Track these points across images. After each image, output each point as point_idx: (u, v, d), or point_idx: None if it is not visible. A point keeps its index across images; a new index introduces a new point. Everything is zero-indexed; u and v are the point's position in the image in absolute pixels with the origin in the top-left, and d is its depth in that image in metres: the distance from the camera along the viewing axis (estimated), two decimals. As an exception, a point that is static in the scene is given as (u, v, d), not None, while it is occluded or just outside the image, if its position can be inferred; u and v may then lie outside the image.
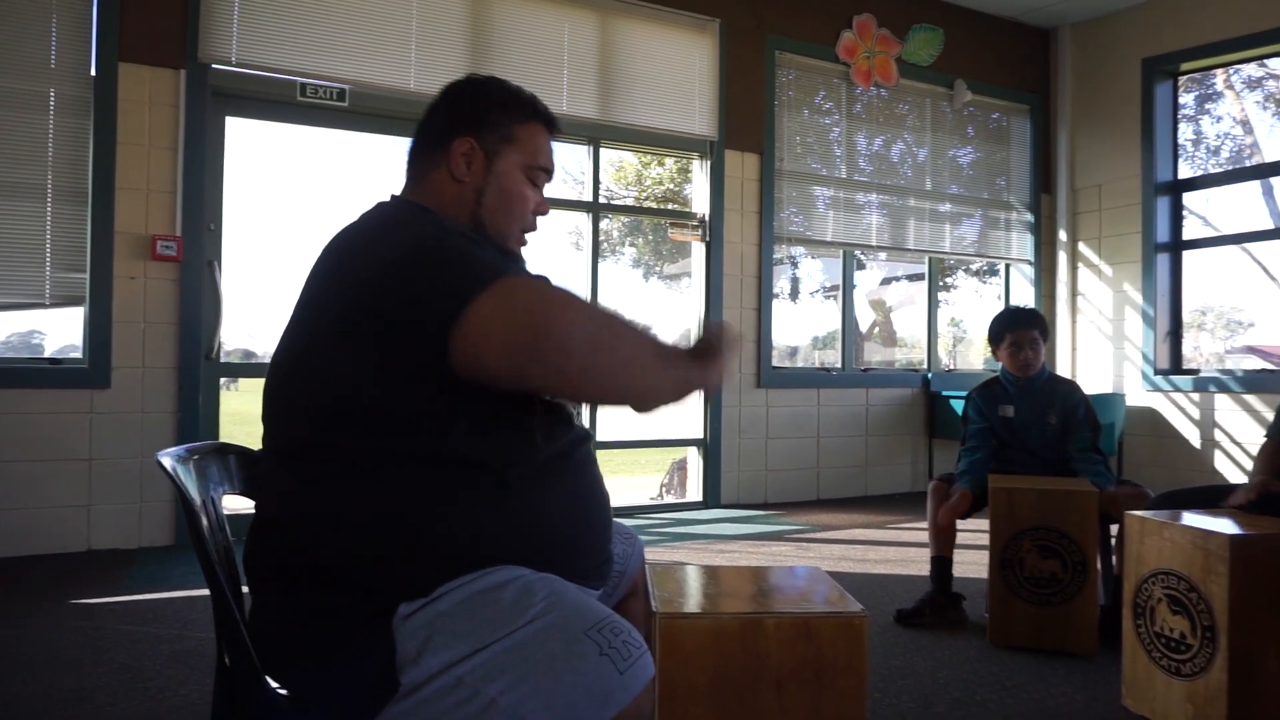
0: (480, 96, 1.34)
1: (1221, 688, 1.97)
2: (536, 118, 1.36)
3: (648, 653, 1.16)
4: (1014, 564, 2.70)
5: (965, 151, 6.33)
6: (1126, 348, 5.88)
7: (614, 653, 1.10)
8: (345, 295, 1.16)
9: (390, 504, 1.13)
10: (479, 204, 1.30)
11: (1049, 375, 3.16)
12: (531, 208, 1.37)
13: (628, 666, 1.09)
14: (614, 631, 1.13)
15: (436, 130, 1.33)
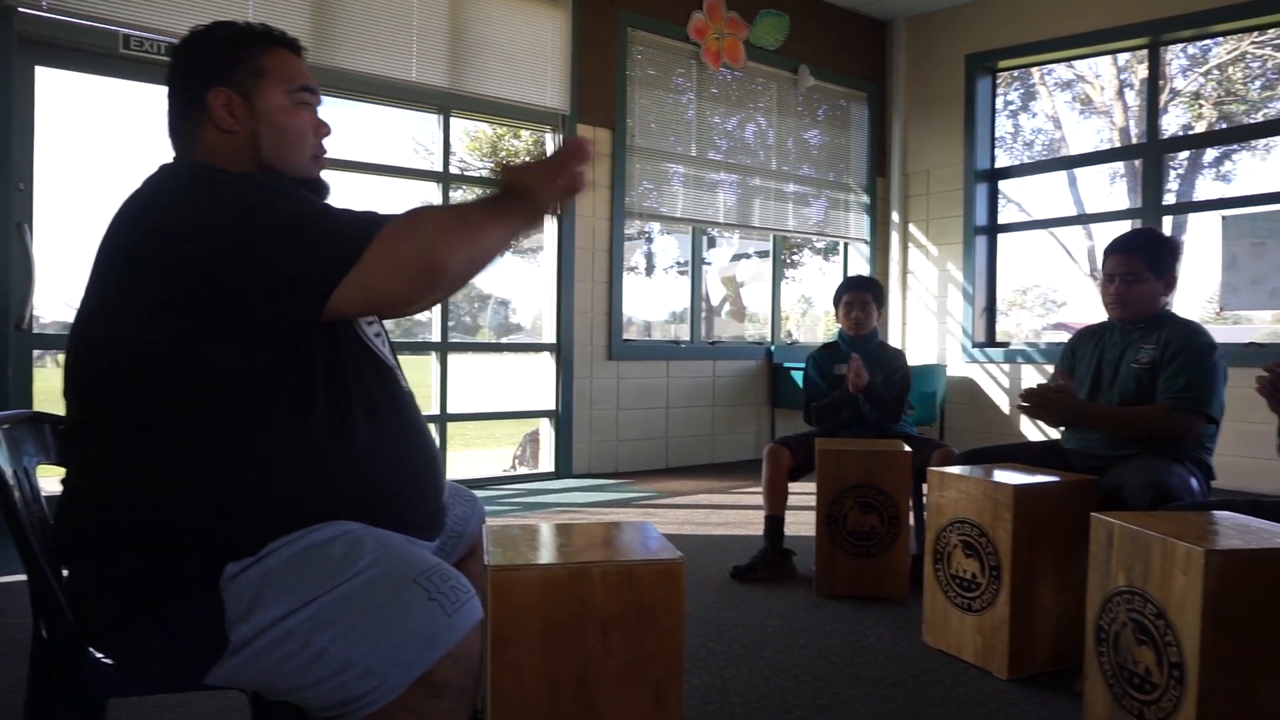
0: (214, 44, 1.30)
1: (1004, 619, 2.22)
2: (276, 44, 1.33)
3: (475, 597, 1.21)
4: (838, 520, 2.91)
5: (810, 135, 6.63)
6: (949, 322, 6.37)
7: (442, 597, 1.15)
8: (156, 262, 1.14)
9: (211, 467, 1.14)
10: (258, 147, 1.29)
11: (879, 341, 3.44)
12: (311, 131, 1.36)
13: (455, 609, 1.15)
14: (442, 578, 1.17)
15: (185, 90, 1.30)
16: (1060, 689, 2.15)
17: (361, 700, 1.08)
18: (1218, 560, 1.53)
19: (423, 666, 1.09)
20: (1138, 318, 2.50)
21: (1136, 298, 2.47)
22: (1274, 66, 7.48)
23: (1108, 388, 2.53)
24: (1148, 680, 1.67)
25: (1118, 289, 2.50)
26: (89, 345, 1.18)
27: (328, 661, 1.08)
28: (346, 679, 1.08)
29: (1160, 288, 2.48)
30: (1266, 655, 1.55)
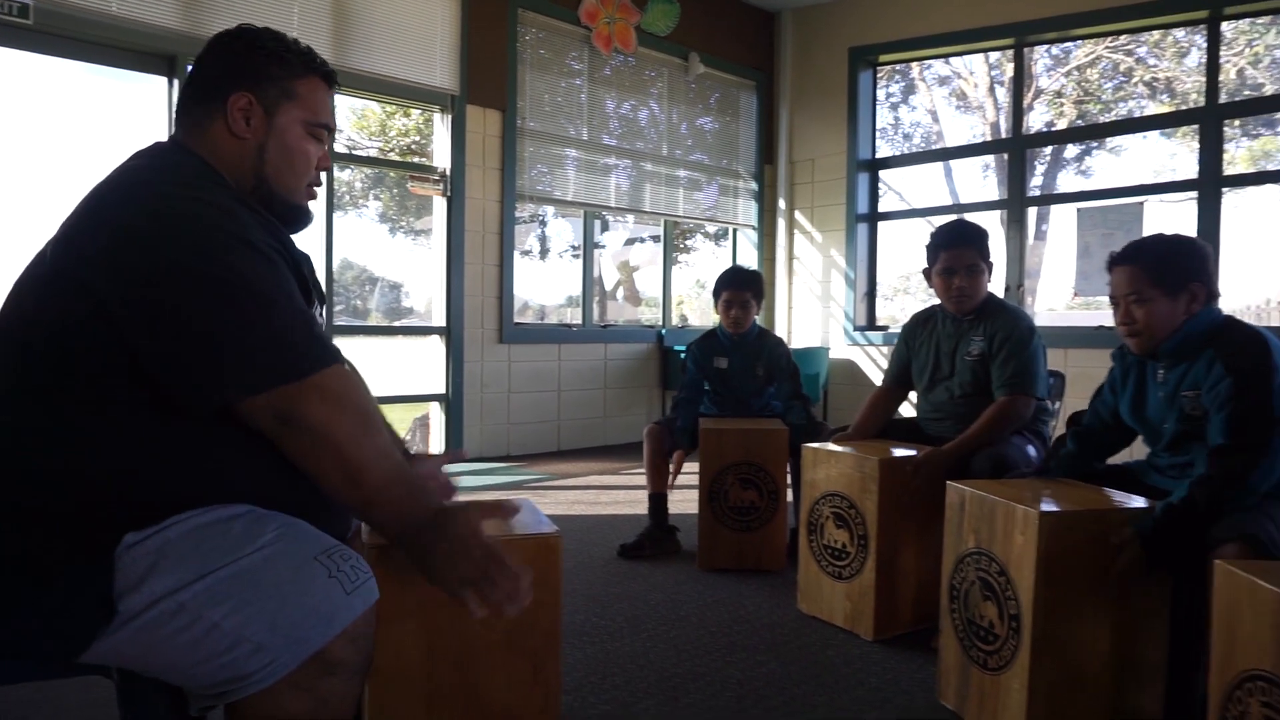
0: (256, 50, 1.30)
1: (871, 584, 2.36)
2: (314, 72, 1.33)
3: (373, 577, 1.22)
4: (720, 496, 3.02)
5: (701, 121, 6.73)
6: (832, 307, 6.61)
7: (342, 575, 1.15)
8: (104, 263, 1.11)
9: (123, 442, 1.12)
10: (262, 162, 1.29)
11: (759, 331, 3.50)
12: (315, 164, 1.36)
13: (354, 588, 1.15)
14: (343, 557, 1.18)
15: (211, 81, 1.28)
16: (920, 647, 2.30)
17: (251, 678, 1.07)
18: (1050, 521, 1.67)
19: (318, 644, 1.09)
20: (975, 308, 2.63)
21: (978, 289, 2.61)
22: (1124, 70, 8.07)
23: (946, 378, 2.67)
24: (991, 632, 1.81)
25: (962, 284, 2.58)
26: (20, 313, 1.15)
27: (218, 637, 1.07)
28: (236, 656, 1.07)
29: (989, 278, 2.64)
30: (1089, 603, 1.72)
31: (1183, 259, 1.93)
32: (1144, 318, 1.91)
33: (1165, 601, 1.78)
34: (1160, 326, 1.91)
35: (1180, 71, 8.00)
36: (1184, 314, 1.90)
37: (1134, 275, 1.93)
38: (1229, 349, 1.82)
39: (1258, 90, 7.90)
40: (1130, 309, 1.93)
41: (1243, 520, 1.61)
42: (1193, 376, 1.88)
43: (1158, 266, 1.91)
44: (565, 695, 2.01)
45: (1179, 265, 1.91)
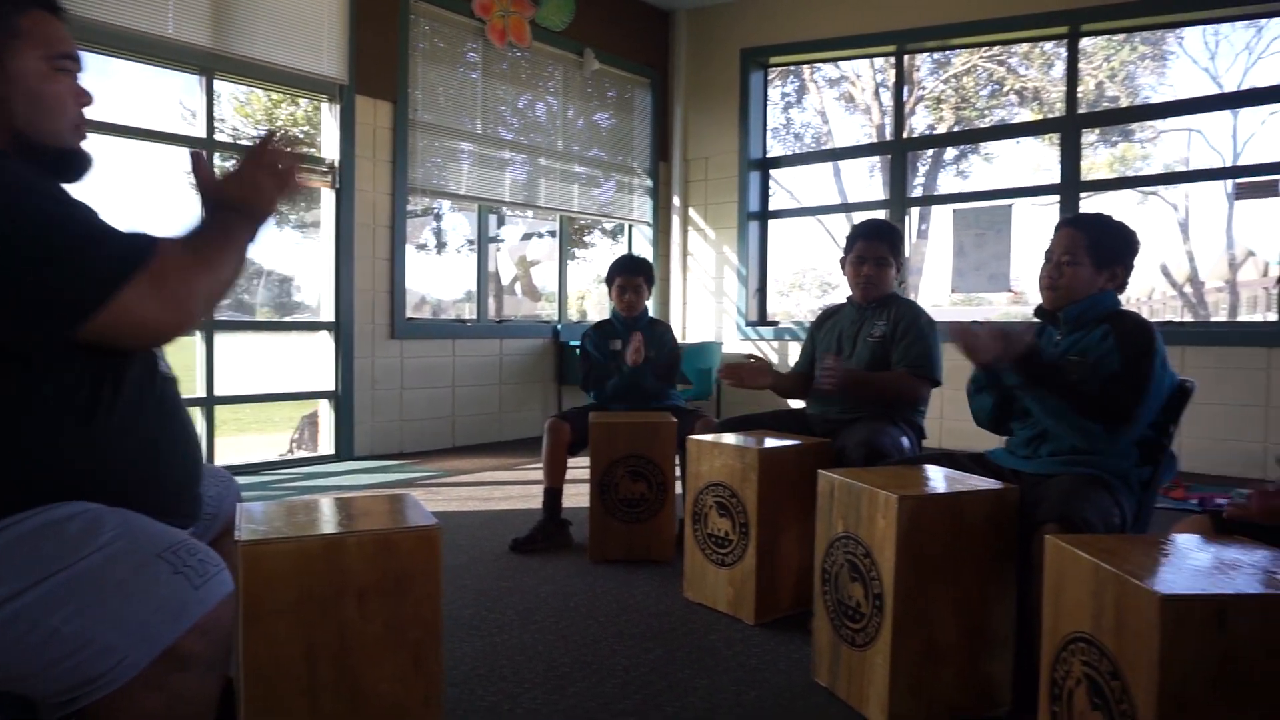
0: None
1: (752, 570, 2.45)
2: (33, 4, 1.25)
3: (225, 569, 1.21)
4: (610, 488, 3.07)
5: (598, 118, 6.77)
6: (724, 302, 6.76)
7: (189, 570, 1.14)
8: None
9: None
10: (10, 114, 1.21)
11: (649, 318, 3.63)
12: (71, 100, 1.29)
13: (203, 582, 1.15)
14: (189, 552, 1.17)
15: None
16: (798, 629, 2.41)
17: (101, 679, 1.05)
18: (909, 505, 1.79)
19: (169, 639, 1.08)
20: (875, 299, 2.82)
21: (883, 280, 2.80)
22: (998, 79, 8.55)
23: (847, 359, 2.83)
24: (858, 611, 1.92)
25: (869, 272, 2.80)
26: None
27: (60, 643, 1.05)
28: (84, 658, 1.05)
29: (894, 270, 2.82)
30: (944, 581, 1.84)
31: (1119, 242, 2.15)
32: (1068, 278, 2.11)
33: (1013, 576, 1.92)
34: (1078, 290, 2.11)
35: (1047, 82, 8.52)
36: (1099, 289, 2.12)
37: (1074, 238, 2.12)
38: (1124, 329, 2.04)
39: (1114, 102, 8.49)
40: (1061, 265, 2.12)
41: (1065, 504, 1.77)
42: (1084, 344, 2.09)
43: (1098, 238, 2.12)
44: (452, 688, 2.03)
45: (1114, 245, 2.13)
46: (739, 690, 2.05)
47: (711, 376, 6.25)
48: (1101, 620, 1.29)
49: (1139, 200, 11.07)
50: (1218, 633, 1.15)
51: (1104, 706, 1.28)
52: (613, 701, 1.98)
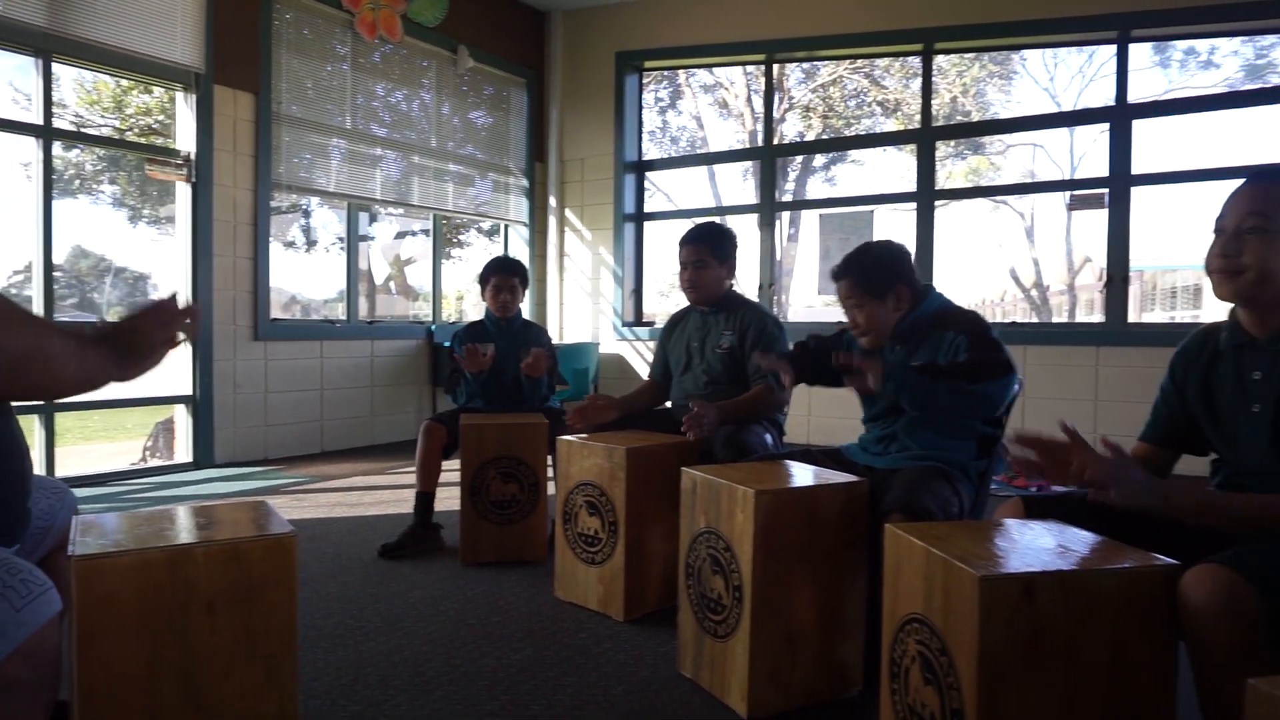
0: None
1: (620, 568, 2.49)
2: None
3: (52, 589, 1.15)
4: (481, 490, 3.05)
5: (473, 116, 6.69)
6: (601, 303, 6.81)
7: (10, 591, 1.09)
8: None
9: None
10: None
11: (523, 320, 3.62)
12: None
13: (25, 603, 1.09)
14: (10, 571, 1.11)
15: None
16: (666, 623, 2.46)
17: None
18: (766, 499, 1.87)
19: None
20: (709, 300, 2.91)
21: (705, 282, 2.88)
22: (862, 90, 8.96)
23: (696, 368, 2.92)
24: (719, 603, 1.99)
25: (690, 276, 2.89)
26: None
27: None
28: None
29: (724, 273, 2.92)
30: (800, 571, 1.93)
31: (884, 269, 2.24)
32: (865, 320, 2.25)
33: (864, 563, 2.03)
34: (881, 324, 2.24)
35: (908, 95, 8.98)
36: (895, 311, 2.23)
37: (850, 287, 2.25)
38: (957, 320, 2.18)
39: (967, 116, 9.03)
40: (854, 314, 2.27)
41: (909, 495, 1.89)
42: (923, 353, 2.17)
43: (865, 279, 2.23)
44: (311, 700, 1.98)
45: (882, 275, 2.23)
46: (606, 685, 2.08)
47: (588, 376, 6.28)
48: (932, 601, 1.39)
49: (991, 208, 11.81)
50: (1028, 607, 1.26)
51: (935, 681, 1.38)
52: (479, 703, 1.98)
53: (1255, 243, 1.43)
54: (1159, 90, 9.00)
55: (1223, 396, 1.57)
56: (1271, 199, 1.44)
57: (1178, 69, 9.14)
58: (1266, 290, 1.45)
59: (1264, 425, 1.47)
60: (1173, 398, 1.69)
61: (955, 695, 1.32)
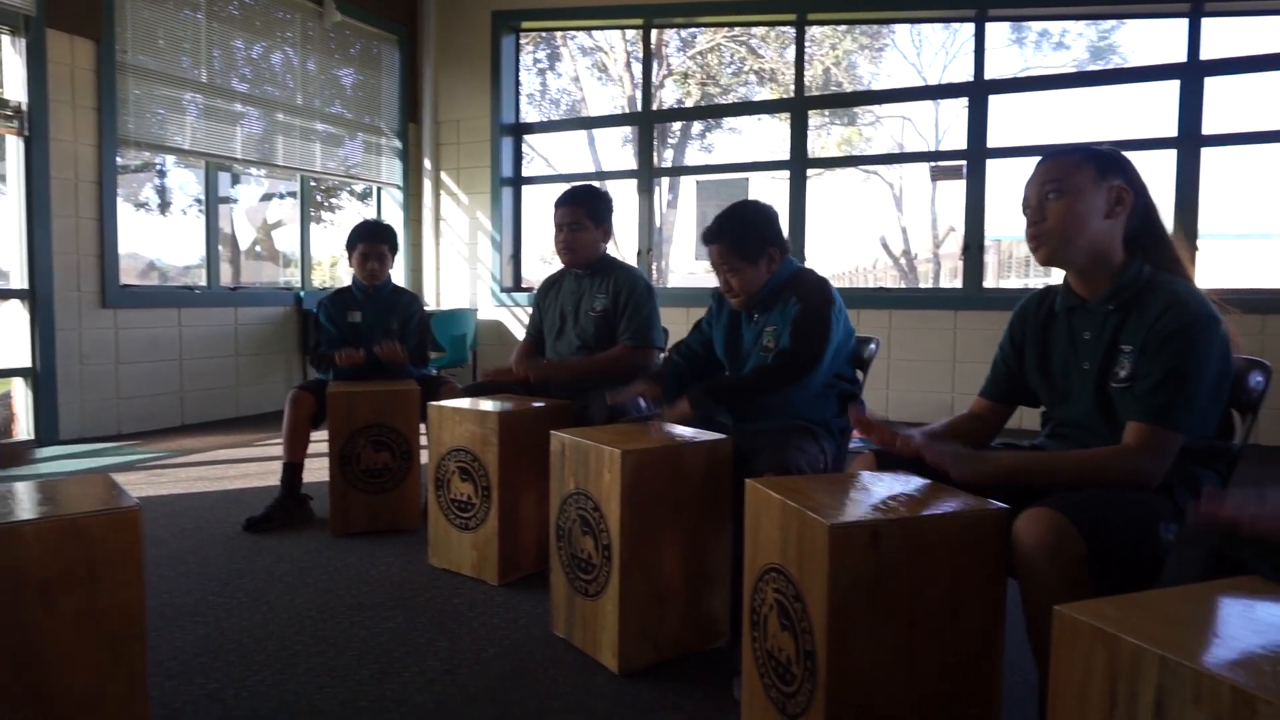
0: None
1: (494, 532, 2.49)
2: None
3: None
4: (351, 460, 2.97)
5: (342, 73, 6.40)
6: (479, 269, 6.70)
7: None
8: None
9: None
10: None
11: (393, 287, 3.50)
12: None
13: None
14: None
15: None
16: (540, 586, 2.47)
17: None
18: (632, 458, 1.90)
19: None
20: (583, 263, 2.91)
21: (579, 245, 2.88)
22: (740, 58, 9.07)
23: (570, 331, 2.92)
24: (589, 562, 2.02)
25: (565, 238, 2.88)
26: None
27: None
28: None
29: (599, 235, 2.92)
30: (667, 528, 1.98)
31: (756, 231, 2.28)
32: (739, 284, 2.28)
33: (730, 518, 2.09)
34: (753, 287, 2.28)
35: (783, 64, 9.16)
36: (767, 273, 2.28)
37: (723, 251, 2.27)
38: (802, 288, 2.24)
39: (839, 87, 9.30)
40: (727, 278, 2.29)
41: (780, 453, 1.96)
42: (773, 316, 2.26)
43: (738, 243, 2.26)
44: (168, 680, 1.90)
45: (755, 237, 2.27)
46: (479, 648, 2.09)
47: (466, 343, 6.19)
48: (788, 551, 1.45)
49: (863, 178, 12.27)
50: (873, 552, 1.33)
51: (790, 626, 1.45)
52: (348, 673, 1.95)
53: (1054, 204, 1.57)
54: (1016, 68, 9.51)
55: (1056, 355, 1.69)
56: (1061, 168, 1.57)
57: (1033, 49, 9.68)
58: (1076, 250, 1.57)
59: (1091, 382, 1.59)
60: (1010, 356, 1.81)
61: (809, 638, 1.39)
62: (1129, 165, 1.59)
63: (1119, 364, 1.54)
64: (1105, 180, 1.55)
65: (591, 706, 1.81)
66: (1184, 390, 1.43)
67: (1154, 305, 1.50)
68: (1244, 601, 0.99)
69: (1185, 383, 1.43)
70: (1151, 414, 1.44)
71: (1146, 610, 0.95)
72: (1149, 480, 1.44)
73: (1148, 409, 1.45)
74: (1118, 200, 1.55)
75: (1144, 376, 1.48)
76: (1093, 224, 1.55)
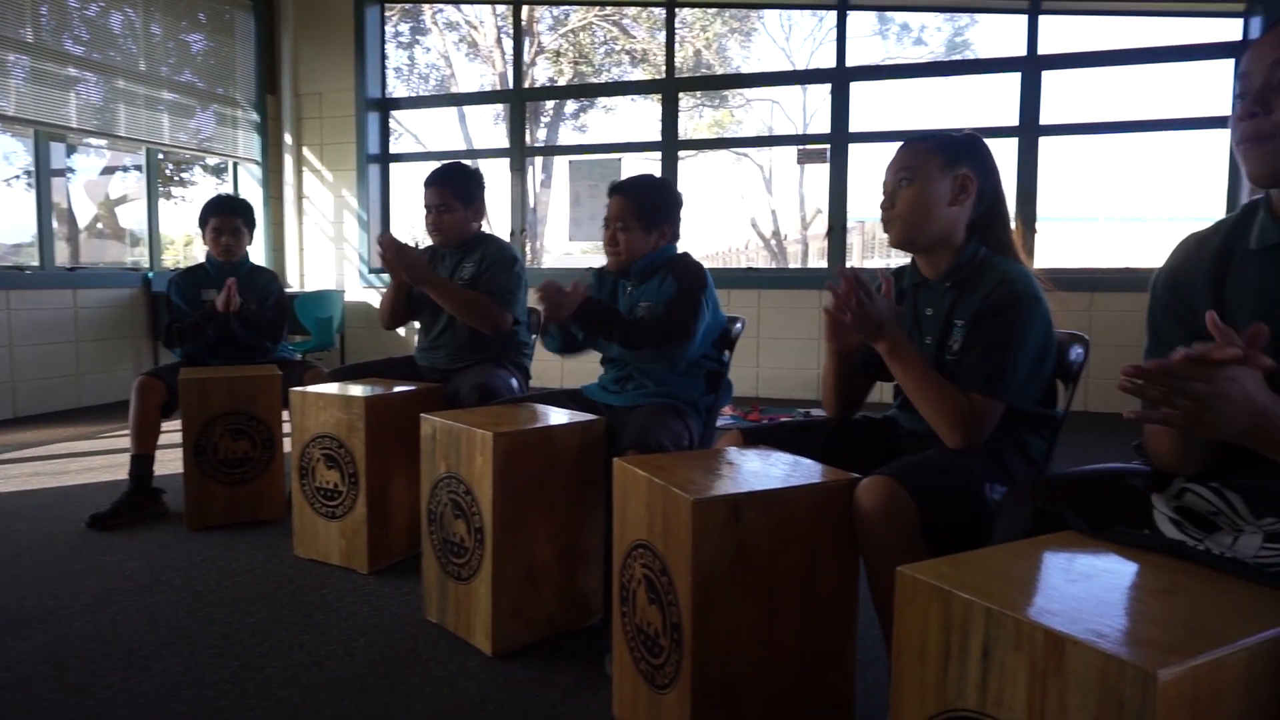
0: None
1: (363, 520, 2.43)
2: None
3: None
4: (208, 450, 2.83)
5: (190, 39, 6.01)
6: (345, 248, 6.47)
7: None
8: None
9: None
10: None
11: (252, 265, 3.35)
12: None
13: None
14: None
15: None
16: (411, 572, 2.44)
17: None
18: (504, 440, 1.89)
19: None
20: (455, 244, 2.87)
21: (449, 225, 2.83)
22: (612, 38, 9.05)
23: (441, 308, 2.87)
24: (462, 546, 2.00)
25: (434, 219, 2.83)
26: None
27: None
28: None
29: (470, 215, 2.87)
30: (540, 508, 1.98)
31: (663, 201, 2.36)
32: (624, 242, 2.31)
33: (602, 497, 2.12)
34: (635, 252, 2.32)
35: (655, 46, 9.20)
36: (652, 247, 2.34)
37: (624, 206, 2.31)
38: (680, 269, 2.29)
39: (710, 69, 9.44)
40: (616, 233, 2.31)
41: (643, 431, 1.99)
42: (648, 291, 2.31)
43: (643, 205, 2.31)
44: (4, 693, 1.77)
45: (659, 207, 2.34)
46: (348, 639, 2.04)
47: (333, 325, 5.97)
48: (654, 526, 1.49)
49: (734, 160, 12.51)
50: (735, 525, 1.38)
51: (658, 600, 1.49)
52: (206, 673, 1.86)
53: (905, 191, 1.66)
54: (879, 57, 9.90)
55: (904, 330, 1.79)
56: (915, 155, 1.66)
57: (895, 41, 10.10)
58: (922, 234, 1.67)
59: (930, 355, 1.70)
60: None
61: (675, 611, 1.42)
62: (981, 153, 1.69)
63: (953, 338, 1.65)
64: (952, 169, 1.65)
65: (464, 690, 1.80)
66: (1006, 361, 1.53)
67: (985, 284, 1.61)
68: (1063, 554, 1.08)
69: (1007, 354, 1.54)
70: (975, 382, 1.54)
71: (977, 567, 1.02)
72: (972, 443, 1.54)
73: (972, 377, 1.55)
74: (961, 189, 1.65)
75: (971, 348, 1.58)
76: (937, 210, 1.64)
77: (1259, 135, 1.07)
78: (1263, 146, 1.07)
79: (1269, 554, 1.01)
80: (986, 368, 1.54)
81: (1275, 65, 1.06)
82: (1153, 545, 1.08)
